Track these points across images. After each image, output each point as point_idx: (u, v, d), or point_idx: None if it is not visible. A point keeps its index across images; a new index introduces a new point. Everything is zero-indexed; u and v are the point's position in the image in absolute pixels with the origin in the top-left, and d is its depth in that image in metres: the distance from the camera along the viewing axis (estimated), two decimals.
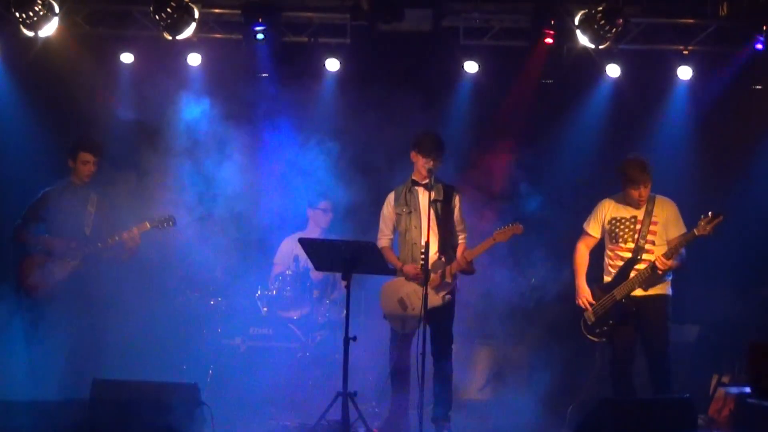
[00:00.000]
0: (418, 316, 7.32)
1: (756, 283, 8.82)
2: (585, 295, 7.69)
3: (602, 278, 7.72)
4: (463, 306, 8.11)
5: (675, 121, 9.36)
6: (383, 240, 7.65)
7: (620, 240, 7.59)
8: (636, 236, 7.53)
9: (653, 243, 7.52)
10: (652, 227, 7.54)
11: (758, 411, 7.40)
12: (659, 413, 6.79)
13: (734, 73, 8.94)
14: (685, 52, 9.02)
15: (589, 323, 7.69)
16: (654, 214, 7.55)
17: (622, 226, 7.60)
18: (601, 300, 7.64)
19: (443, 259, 7.48)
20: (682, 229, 7.51)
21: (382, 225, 7.69)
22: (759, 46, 8.58)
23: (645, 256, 7.52)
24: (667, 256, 7.38)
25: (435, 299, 7.36)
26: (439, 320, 7.41)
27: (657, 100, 9.37)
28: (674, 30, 9.03)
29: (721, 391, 8.34)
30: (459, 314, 7.77)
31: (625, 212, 7.62)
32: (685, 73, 9.06)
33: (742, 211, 8.91)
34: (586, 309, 7.68)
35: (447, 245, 7.53)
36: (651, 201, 7.57)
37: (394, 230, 7.66)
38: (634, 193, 7.51)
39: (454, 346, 7.65)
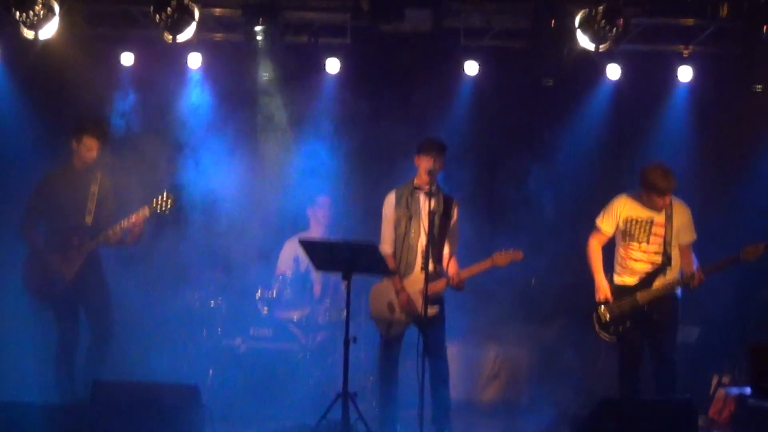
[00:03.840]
0: (406, 322, 7.36)
1: (756, 283, 8.81)
2: (606, 293, 7.63)
3: (609, 272, 7.70)
4: (464, 306, 8.11)
5: (675, 121, 9.35)
6: (386, 246, 7.50)
7: (635, 240, 7.57)
8: (661, 241, 7.50)
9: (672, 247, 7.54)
10: (673, 232, 7.53)
11: (759, 412, 7.41)
12: (660, 414, 6.79)
13: (734, 74, 8.93)
14: (686, 53, 9.01)
15: (603, 321, 7.67)
16: (673, 218, 7.54)
17: (638, 226, 7.55)
18: (620, 301, 7.61)
19: (436, 269, 7.43)
20: (693, 236, 7.57)
21: (385, 227, 7.56)
22: (759, 47, 8.57)
23: (672, 262, 7.53)
24: (704, 273, 7.42)
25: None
26: (432, 328, 7.31)
27: (657, 101, 9.37)
28: (675, 30, 9.01)
29: (721, 391, 8.34)
30: (460, 314, 7.74)
31: (643, 213, 7.56)
32: (685, 73, 9.05)
33: (742, 212, 8.92)
34: (603, 307, 7.64)
35: (440, 256, 7.49)
36: (669, 205, 7.54)
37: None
38: (659, 201, 7.46)
39: (455, 347, 7.61)
